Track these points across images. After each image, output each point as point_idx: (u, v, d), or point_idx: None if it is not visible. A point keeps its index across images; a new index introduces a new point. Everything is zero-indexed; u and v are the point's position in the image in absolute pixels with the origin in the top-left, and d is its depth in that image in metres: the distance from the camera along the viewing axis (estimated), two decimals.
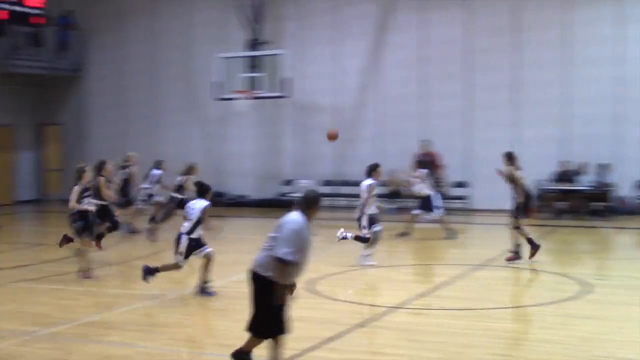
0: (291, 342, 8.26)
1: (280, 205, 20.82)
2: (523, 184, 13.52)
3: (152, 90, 27.30)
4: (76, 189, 12.11)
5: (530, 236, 13.40)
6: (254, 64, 22.97)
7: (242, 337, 7.10)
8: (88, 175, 12.40)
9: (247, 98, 22.61)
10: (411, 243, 16.73)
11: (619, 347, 8.08)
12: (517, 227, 13.43)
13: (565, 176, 21.05)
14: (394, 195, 22.69)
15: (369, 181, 13.25)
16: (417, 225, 17.29)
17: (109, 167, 14.38)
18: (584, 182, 20.86)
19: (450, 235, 16.57)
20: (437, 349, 8.14)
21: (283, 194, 23.70)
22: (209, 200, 10.80)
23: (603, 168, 20.84)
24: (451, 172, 21.62)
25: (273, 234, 6.81)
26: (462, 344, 8.10)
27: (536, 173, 20.95)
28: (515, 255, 13.36)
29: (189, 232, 10.61)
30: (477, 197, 22.35)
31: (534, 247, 13.29)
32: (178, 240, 10.67)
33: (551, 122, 22.06)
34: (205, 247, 10.74)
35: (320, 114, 24.93)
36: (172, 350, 8.28)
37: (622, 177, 20.89)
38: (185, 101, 26.80)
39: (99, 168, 13.89)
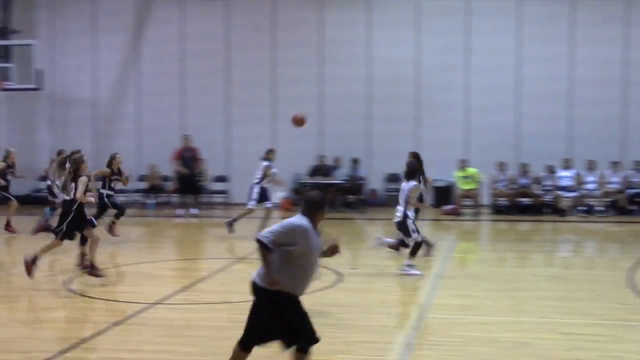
0: (45, 344, 8.01)
1: (36, 202, 19.96)
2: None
3: None
4: (84, 180, 11.12)
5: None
6: (4, 54, 21.73)
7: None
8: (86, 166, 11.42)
9: None
10: (180, 238, 16.64)
11: (337, 332, 8.58)
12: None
13: (321, 170, 21.93)
14: (153, 190, 22.49)
15: (412, 182, 12.11)
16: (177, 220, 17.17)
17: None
18: (339, 176, 21.88)
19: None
20: (198, 343, 8.21)
21: (39, 190, 22.63)
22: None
23: (355, 162, 21.98)
24: (212, 167, 21.87)
25: None
26: (223, 337, 8.22)
27: (294, 167, 21.74)
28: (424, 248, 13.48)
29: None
30: (237, 191, 22.65)
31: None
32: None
33: (307, 119, 22.82)
34: None
35: (79, 108, 24.14)
36: None
37: (372, 171, 22.21)
38: None
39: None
